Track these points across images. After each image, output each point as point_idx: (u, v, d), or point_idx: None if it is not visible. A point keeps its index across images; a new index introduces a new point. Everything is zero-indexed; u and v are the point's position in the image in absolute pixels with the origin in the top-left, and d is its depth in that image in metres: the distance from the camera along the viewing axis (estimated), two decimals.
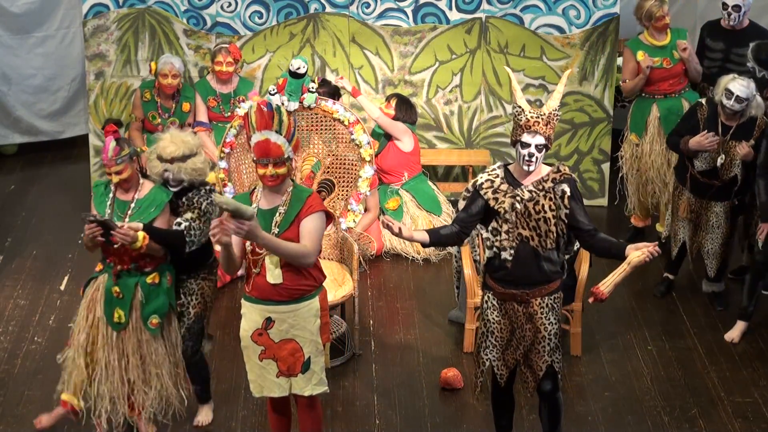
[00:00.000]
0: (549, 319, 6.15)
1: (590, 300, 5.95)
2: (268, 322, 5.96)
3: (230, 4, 9.57)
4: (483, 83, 9.72)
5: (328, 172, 7.63)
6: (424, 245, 6.19)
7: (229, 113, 9.17)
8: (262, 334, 5.98)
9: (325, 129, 7.68)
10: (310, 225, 5.83)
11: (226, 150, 7.72)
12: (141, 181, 6.38)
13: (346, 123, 7.66)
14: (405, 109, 9.10)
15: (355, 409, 7.15)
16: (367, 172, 7.66)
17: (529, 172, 6.01)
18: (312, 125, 7.69)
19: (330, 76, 9.63)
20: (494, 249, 6.08)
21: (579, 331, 7.66)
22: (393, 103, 9.08)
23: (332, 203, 7.62)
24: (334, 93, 8.78)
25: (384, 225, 5.95)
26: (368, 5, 9.57)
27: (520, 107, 6.01)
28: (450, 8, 9.58)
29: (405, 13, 9.60)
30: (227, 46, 9.14)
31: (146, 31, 9.58)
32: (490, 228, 6.08)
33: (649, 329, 8.05)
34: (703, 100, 8.06)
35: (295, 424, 6.38)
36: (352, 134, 7.66)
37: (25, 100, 10.53)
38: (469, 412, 7.13)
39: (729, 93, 7.74)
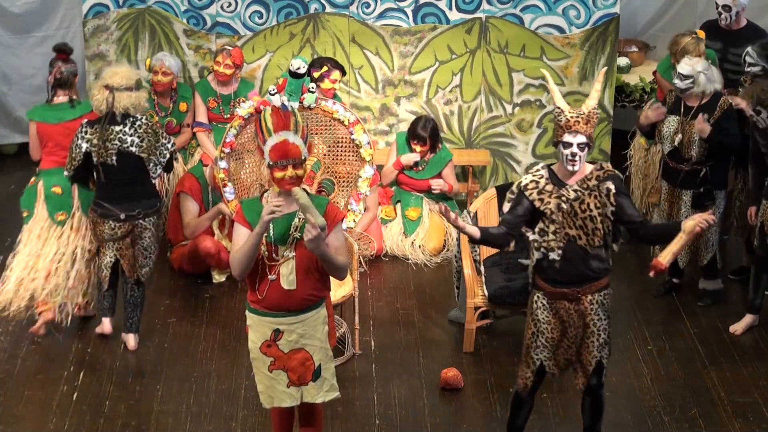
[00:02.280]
0: (599, 314, 6.20)
1: (651, 273, 6.02)
2: (277, 333, 5.91)
3: (230, 4, 9.57)
4: (483, 83, 9.72)
5: (328, 172, 7.63)
6: (473, 240, 6.18)
7: (228, 114, 9.16)
8: (271, 346, 5.94)
9: (325, 129, 7.68)
10: (340, 237, 5.82)
11: (226, 150, 7.71)
12: None
13: (346, 123, 7.65)
14: (435, 137, 9.15)
15: (355, 409, 7.15)
16: (367, 172, 7.66)
17: (573, 172, 6.05)
18: (312, 125, 7.69)
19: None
20: (542, 250, 6.11)
21: None
22: (427, 141, 9.08)
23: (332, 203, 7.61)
24: (338, 66, 8.86)
25: (440, 211, 5.91)
26: (368, 5, 9.57)
27: (559, 108, 6.06)
28: (450, 8, 9.57)
29: (405, 13, 9.60)
30: (231, 48, 9.13)
31: (146, 31, 9.57)
32: (537, 229, 6.11)
33: (649, 329, 8.05)
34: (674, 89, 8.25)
35: (295, 424, 6.38)
36: (352, 134, 7.66)
37: (25, 100, 10.51)
38: (469, 412, 7.13)
39: (677, 73, 8.02)
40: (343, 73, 8.90)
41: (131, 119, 7.40)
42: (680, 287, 8.53)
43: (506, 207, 6.18)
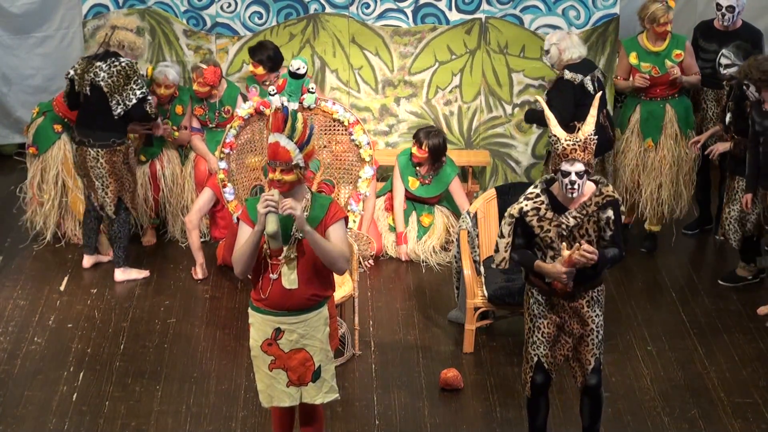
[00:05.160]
0: (595, 311, 6.22)
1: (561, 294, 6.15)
2: (278, 332, 5.92)
3: (230, 5, 9.57)
4: (483, 83, 9.72)
5: (327, 172, 7.63)
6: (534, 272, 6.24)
7: (214, 123, 9.17)
8: (271, 345, 5.95)
9: (325, 129, 7.68)
10: (340, 232, 5.82)
11: (226, 150, 7.71)
12: None
13: (346, 123, 7.65)
14: (437, 153, 9.03)
15: (355, 409, 7.15)
16: (367, 172, 7.66)
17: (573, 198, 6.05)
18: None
19: (330, 77, 9.64)
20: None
21: None
22: (423, 145, 8.99)
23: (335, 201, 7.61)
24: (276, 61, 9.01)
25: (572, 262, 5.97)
26: (368, 5, 9.57)
27: (555, 136, 6.01)
28: (450, 8, 9.58)
29: (405, 13, 9.60)
30: (204, 67, 9.05)
31: (146, 32, 9.57)
32: (534, 245, 6.13)
33: (649, 329, 8.05)
34: None
35: (297, 424, 6.38)
36: (351, 135, 7.66)
37: (25, 101, 10.52)
38: (469, 412, 7.13)
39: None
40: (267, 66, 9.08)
41: (112, 59, 8.27)
42: (678, 286, 8.53)
43: (506, 230, 6.15)
